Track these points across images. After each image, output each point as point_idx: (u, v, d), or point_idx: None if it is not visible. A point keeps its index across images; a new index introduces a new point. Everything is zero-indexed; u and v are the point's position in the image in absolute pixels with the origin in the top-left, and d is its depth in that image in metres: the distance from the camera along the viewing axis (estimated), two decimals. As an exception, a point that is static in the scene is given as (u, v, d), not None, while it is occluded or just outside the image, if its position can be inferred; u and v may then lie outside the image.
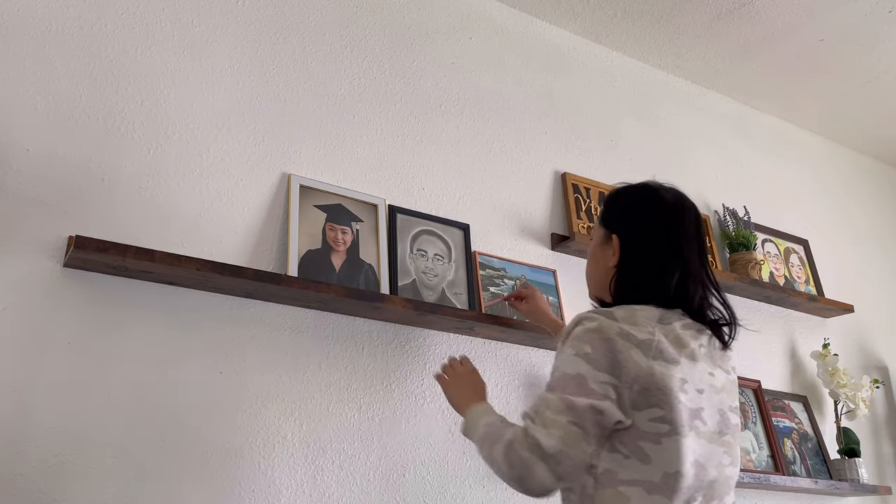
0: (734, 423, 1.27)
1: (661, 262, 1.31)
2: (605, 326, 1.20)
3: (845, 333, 2.89)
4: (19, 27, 1.65)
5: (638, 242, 1.33)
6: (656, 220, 1.35)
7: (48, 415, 1.45)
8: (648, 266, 1.31)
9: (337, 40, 2.10)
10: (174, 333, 1.61)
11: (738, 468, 1.27)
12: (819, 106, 3.09)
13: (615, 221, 1.38)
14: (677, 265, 1.31)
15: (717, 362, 1.29)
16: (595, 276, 1.42)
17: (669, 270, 1.30)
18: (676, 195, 1.39)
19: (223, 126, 1.83)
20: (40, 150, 1.59)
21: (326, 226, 1.87)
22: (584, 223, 2.34)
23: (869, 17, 2.57)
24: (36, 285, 1.50)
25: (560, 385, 1.19)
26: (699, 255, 1.35)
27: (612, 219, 1.40)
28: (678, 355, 1.21)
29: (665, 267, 1.30)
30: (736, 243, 2.61)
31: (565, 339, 1.25)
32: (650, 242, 1.33)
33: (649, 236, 1.33)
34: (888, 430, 2.87)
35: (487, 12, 2.46)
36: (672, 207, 1.36)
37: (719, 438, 1.22)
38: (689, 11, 2.54)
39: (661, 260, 1.31)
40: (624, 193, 1.43)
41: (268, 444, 1.65)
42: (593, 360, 1.18)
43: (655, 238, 1.33)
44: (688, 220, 1.36)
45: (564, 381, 1.19)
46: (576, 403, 1.15)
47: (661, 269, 1.30)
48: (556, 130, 2.46)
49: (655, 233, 1.33)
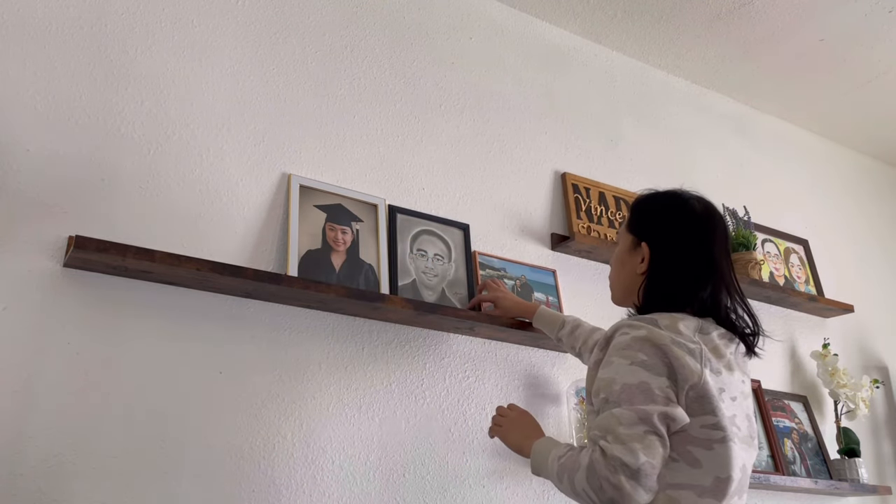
0: (755, 427, 1.30)
1: (696, 272, 1.32)
2: (655, 334, 1.20)
3: (845, 333, 2.89)
4: (19, 27, 1.65)
5: (670, 251, 1.34)
6: (689, 229, 1.35)
7: (48, 415, 1.45)
8: (682, 275, 1.32)
9: (337, 40, 2.10)
10: (174, 333, 1.61)
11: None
12: (819, 106, 3.09)
13: (645, 229, 1.38)
14: (712, 275, 1.32)
15: (743, 369, 1.31)
16: (622, 281, 1.41)
17: (704, 280, 1.31)
18: (706, 204, 1.41)
19: (223, 126, 1.83)
20: (40, 150, 1.59)
21: (326, 226, 1.87)
22: (584, 223, 2.34)
23: (869, 17, 2.57)
24: (36, 285, 1.50)
25: (626, 397, 1.16)
26: (729, 264, 1.37)
27: (642, 226, 1.39)
28: (719, 365, 1.23)
29: (700, 277, 1.32)
30: (736, 243, 2.61)
31: (605, 348, 1.25)
32: (683, 251, 1.33)
33: (682, 245, 1.34)
34: (888, 430, 2.88)
35: (487, 12, 2.46)
36: (704, 217, 1.37)
37: (751, 442, 1.26)
38: (689, 11, 2.54)
39: (696, 270, 1.32)
40: (652, 200, 1.43)
41: (268, 444, 1.65)
42: (651, 367, 1.17)
43: (689, 247, 1.33)
44: (719, 230, 1.38)
45: (629, 393, 1.16)
46: (648, 412, 1.14)
47: (695, 279, 1.31)
48: (556, 130, 2.46)
49: (689, 242, 1.34)
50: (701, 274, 1.32)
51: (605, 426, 1.16)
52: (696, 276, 1.32)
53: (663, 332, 1.21)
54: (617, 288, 1.44)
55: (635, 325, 1.23)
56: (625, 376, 1.18)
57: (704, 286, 1.31)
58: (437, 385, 1.92)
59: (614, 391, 1.18)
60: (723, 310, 1.32)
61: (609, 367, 1.21)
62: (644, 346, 1.19)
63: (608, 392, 1.19)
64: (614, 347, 1.23)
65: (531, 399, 2.04)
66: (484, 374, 2.00)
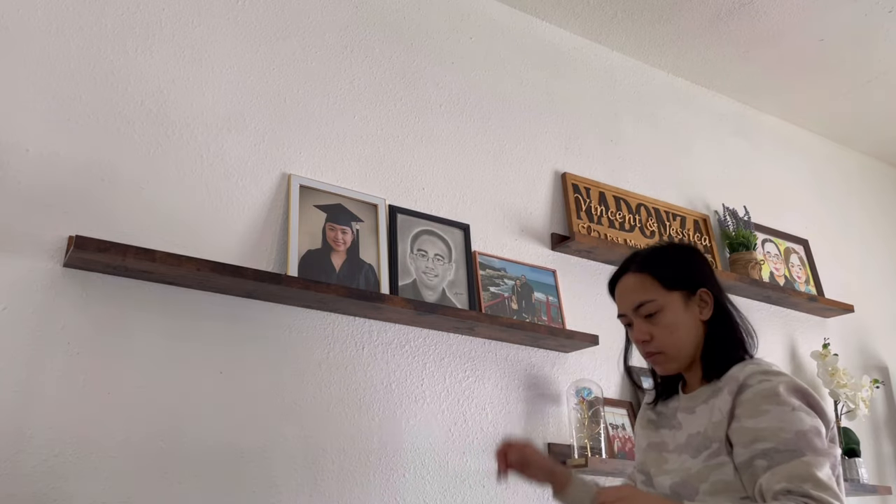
0: None
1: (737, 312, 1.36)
2: (791, 380, 1.21)
3: (845, 333, 2.89)
4: (19, 27, 1.65)
5: (721, 297, 1.35)
6: (713, 273, 1.39)
7: (48, 414, 1.45)
8: (736, 319, 1.35)
9: (337, 40, 2.10)
10: (174, 333, 1.61)
11: None
12: (819, 106, 3.09)
13: (691, 277, 1.34)
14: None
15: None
16: (687, 340, 1.31)
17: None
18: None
19: (223, 126, 1.83)
20: (40, 150, 1.59)
21: (326, 226, 1.87)
22: (584, 223, 2.34)
23: (869, 17, 2.57)
24: (36, 285, 1.50)
25: (805, 444, 1.12)
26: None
27: (686, 276, 1.34)
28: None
29: (740, 316, 1.36)
30: (736, 243, 2.61)
31: (738, 395, 1.20)
32: (724, 296, 1.36)
33: (721, 290, 1.36)
34: (888, 430, 2.87)
35: (487, 12, 2.46)
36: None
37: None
38: (689, 11, 2.54)
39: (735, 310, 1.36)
40: (672, 251, 1.41)
41: (268, 444, 1.65)
42: (809, 413, 1.17)
43: (722, 291, 1.36)
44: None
45: (807, 439, 1.13)
46: (831, 453, 1.15)
47: (741, 318, 1.35)
48: (556, 130, 2.46)
49: (719, 286, 1.37)
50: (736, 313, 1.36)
51: (802, 475, 1.10)
52: (739, 316, 1.35)
53: (792, 378, 1.22)
54: (681, 350, 1.31)
55: (772, 372, 1.21)
56: (793, 424, 1.14)
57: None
58: (437, 385, 1.92)
59: (787, 439, 1.13)
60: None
61: (766, 416, 1.16)
62: (792, 391, 1.18)
63: (777, 441, 1.13)
64: (760, 396, 1.18)
65: (531, 399, 2.04)
66: (484, 374, 2.00)
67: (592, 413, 1.99)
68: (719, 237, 2.68)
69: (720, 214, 2.71)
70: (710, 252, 2.60)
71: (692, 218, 2.63)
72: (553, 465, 1.44)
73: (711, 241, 2.62)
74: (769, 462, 1.12)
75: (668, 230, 2.54)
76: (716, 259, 2.59)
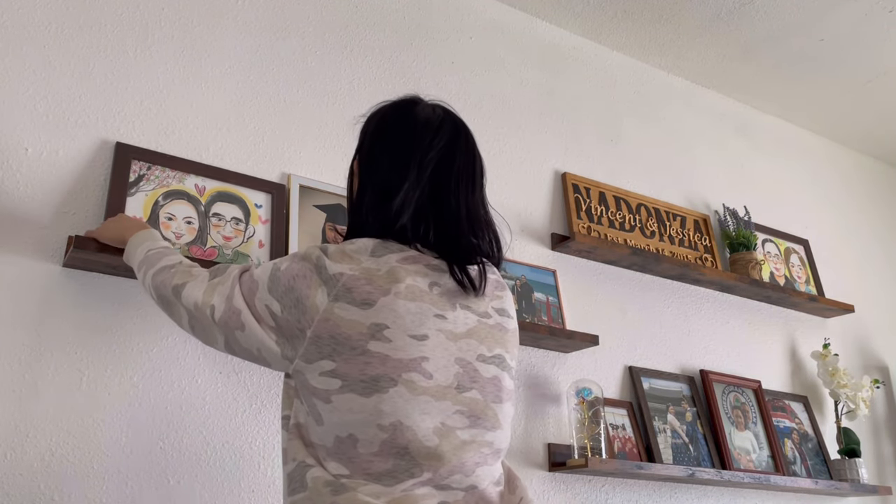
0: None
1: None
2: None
3: (845, 333, 2.89)
4: (19, 27, 1.65)
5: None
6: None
7: (47, 414, 1.45)
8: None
9: (337, 40, 2.10)
10: (174, 333, 1.61)
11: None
12: (819, 106, 3.09)
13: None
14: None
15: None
16: None
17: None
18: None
19: (223, 126, 1.83)
20: (40, 150, 1.59)
21: (326, 226, 1.87)
22: (584, 223, 2.34)
23: (869, 17, 2.57)
24: (36, 285, 1.50)
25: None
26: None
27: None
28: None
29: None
30: (736, 243, 2.61)
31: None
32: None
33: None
34: (888, 430, 2.87)
35: (487, 12, 2.46)
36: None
37: None
38: (689, 11, 2.54)
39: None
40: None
41: (268, 444, 1.65)
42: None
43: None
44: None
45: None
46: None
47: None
48: (556, 130, 2.46)
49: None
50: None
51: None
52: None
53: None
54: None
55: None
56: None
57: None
58: (437, 385, 1.91)
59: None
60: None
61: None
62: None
63: None
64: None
65: (531, 399, 2.04)
66: (484, 374, 2.00)
67: (592, 413, 1.98)
68: (719, 237, 2.68)
69: (720, 214, 2.71)
70: (711, 252, 2.60)
71: (692, 218, 2.63)
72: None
73: (712, 241, 2.62)
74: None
75: (668, 230, 2.53)
76: (716, 259, 2.59)
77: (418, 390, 0.99)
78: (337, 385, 0.99)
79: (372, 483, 0.98)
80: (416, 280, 1.05)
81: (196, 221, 1.69)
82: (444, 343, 1.04)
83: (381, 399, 0.98)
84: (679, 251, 2.52)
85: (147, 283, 1.24)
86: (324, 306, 1.01)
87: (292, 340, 1.05)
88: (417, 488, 0.99)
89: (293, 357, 1.05)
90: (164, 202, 1.66)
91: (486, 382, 1.07)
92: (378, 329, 0.99)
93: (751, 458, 2.32)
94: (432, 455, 0.99)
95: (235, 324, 1.08)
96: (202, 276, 1.17)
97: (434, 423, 1.00)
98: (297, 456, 1.03)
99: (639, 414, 2.19)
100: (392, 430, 0.98)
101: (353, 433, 0.99)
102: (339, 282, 1.01)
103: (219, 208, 1.73)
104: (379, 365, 0.99)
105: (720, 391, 2.38)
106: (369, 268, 1.03)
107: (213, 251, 1.67)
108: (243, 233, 1.74)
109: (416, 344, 1.01)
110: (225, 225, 1.72)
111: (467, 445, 1.03)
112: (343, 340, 0.99)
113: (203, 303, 1.12)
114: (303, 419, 1.04)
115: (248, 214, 1.76)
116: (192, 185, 1.72)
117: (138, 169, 1.66)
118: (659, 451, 2.13)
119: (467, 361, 1.05)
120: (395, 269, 1.04)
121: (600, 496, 2.06)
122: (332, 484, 0.98)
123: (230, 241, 1.71)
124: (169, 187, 1.68)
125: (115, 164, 1.64)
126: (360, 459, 0.99)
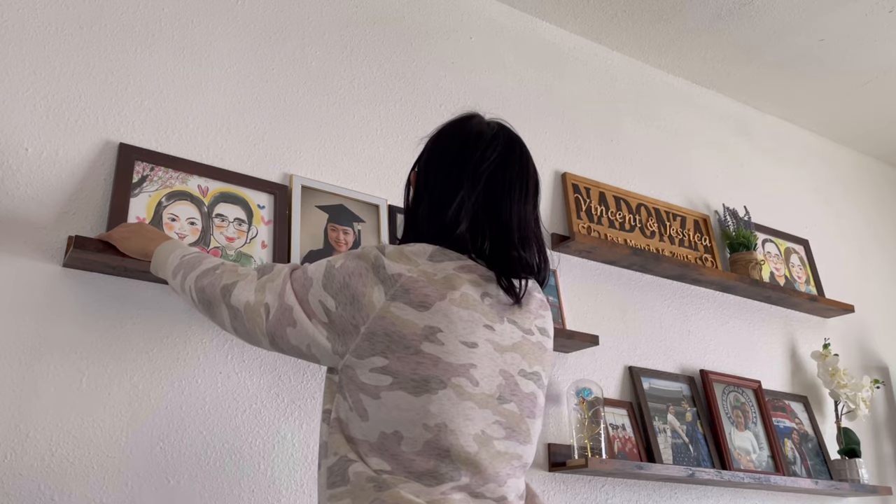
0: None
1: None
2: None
3: (845, 333, 2.89)
4: (19, 27, 1.65)
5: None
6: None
7: (48, 415, 1.45)
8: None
9: (337, 40, 2.10)
10: (174, 333, 1.61)
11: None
12: (819, 106, 3.09)
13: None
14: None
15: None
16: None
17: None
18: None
19: (223, 126, 1.83)
20: (40, 150, 1.59)
21: (328, 226, 1.87)
22: (585, 223, 2.34)
23: (869, 17, 2.57)
24: (36, 285, 1.50)
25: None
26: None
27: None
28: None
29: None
30: (736, 243, 2.61)
31: None
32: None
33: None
34: (888, 431, 2.87)
35: (487, 12, 2.46)
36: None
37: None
38: (689, 11, 2.54)
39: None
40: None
41: (268, 444, 1.65)
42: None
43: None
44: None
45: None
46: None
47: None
48: (556, 130, 2.46)
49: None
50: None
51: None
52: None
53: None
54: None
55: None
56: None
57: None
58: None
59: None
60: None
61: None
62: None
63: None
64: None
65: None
66: (484, 375, 2.00)
67: (592, 413, 1.98)
68: (719, 237, 2.68)
69: (720, 214, 2.71)
70: (711, 252, 2.60)
71: (692, 218, 2.63)
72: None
73: (712, 241, 2.62)
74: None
75: (668, 230, 2.54)
76: (716, 259, 2.59)
77: (465, 395, 1.02)
78: (387, 382, 1.02)
79: (413, 481, 1.01)
80: (470, 289, 1.07)
81: (199, 222, 1.69)
82: (491, 353, 1.07)
83: (430, 399, 1.01)
84: (679, 251, 2.53)
85: (188, 287, 1.22)
86: (380, 304, 1.04)
87: (344, 336, 1.06)
88: (455, 493, 1.02)
89: (344, 352, 1.07)
90: (167, 203, 1.66)
91: (524, 397, 1.10)
92: (432, 332, 1.02)
93: (751, 458, 2.32)
94: (471, 461, 1.02)
95: (288, 320, 1.10)
96: (251, 276, 1.17)
97: (475, 430, 1.03)
98: (340, 450, 1.05)
99: (639, 414, 2.19)
100: (437, 430, 1.00)
101: (398, 430, 1.01)
102: (397, 282, 1.04)
103: (222, 209, 1.73)
104: (431, 366, 1.01)
105: (720, 391, 2.38)
106: (426, 271, 1.06)
107: (216, 252, 1.67)
108: (246, 234, 1.74)
109: (467, 350, 1.04)
110: (228, 226, 1.72)
111: (501, 456, 1.06)
112: (397, 339, 1.02)
113: (256, 301, 1.13)
114: (343, 415, 1.07)
115: (251, 215, 1.76)
116: (195, 186, 1.72)
117: (142, 170, 1.66)
118: (659, 452, 2.13)
119: (510, 374, 1.09)
120: (451, 276, 1.07)
121: (600, 496, 2.06)
122: (375, 480, 1.00)
123: (233, 242, 1.71)
124: (172, 188, 1.68)
125: (119, 165, 1.64)
126: (402, 457, 1.01)
